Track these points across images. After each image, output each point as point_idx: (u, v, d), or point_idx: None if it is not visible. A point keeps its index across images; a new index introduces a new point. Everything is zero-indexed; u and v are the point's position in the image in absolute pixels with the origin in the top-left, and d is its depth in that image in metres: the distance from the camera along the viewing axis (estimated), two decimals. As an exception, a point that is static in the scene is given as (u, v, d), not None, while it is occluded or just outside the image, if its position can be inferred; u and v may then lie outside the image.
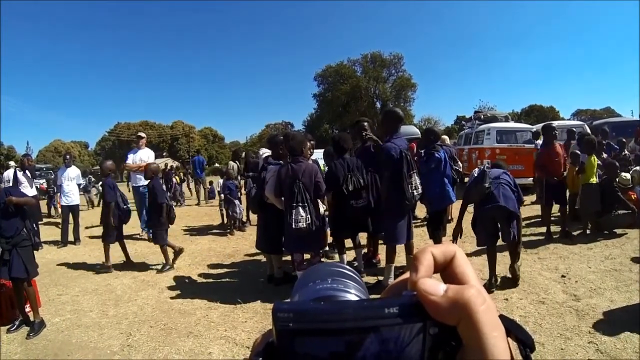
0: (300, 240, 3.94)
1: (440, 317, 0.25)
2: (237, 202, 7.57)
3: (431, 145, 4.56)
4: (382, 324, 0.25)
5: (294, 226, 3.76)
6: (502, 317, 0.26)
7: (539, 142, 7.44)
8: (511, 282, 3.89)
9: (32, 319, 3.62)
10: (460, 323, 0.24)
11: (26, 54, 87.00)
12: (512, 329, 0.26)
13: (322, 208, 4.17)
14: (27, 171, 7.28)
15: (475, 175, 3.94)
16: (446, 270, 0.29)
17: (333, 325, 0.24)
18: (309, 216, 3.76)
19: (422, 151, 4.56)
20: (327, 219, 4.45)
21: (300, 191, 3.79)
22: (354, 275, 0.33)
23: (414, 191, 3.86)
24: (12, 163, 9.91)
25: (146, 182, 6.71)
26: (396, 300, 0.26)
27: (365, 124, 4.62)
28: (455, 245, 0.30)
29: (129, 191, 8.51)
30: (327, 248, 4.72)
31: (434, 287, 0.26)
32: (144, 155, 7.73)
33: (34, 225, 5.09)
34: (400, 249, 4.18)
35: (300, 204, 3.77)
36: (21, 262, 3.51)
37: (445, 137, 8.54)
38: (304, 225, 3.75)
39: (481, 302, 0.25)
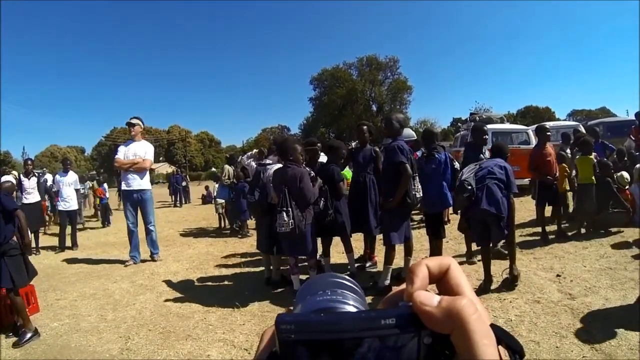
0: (288, 244, 4.04)
1: (434, 326, 0.26)
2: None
3: (432, 145, 4.56)
4: (379, 335, 0.26)
5: (278, 230, 3.85)
6: (492, 325, 0.27)
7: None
8: (507, 283, 3.88)
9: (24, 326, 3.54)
10: (453, 332, 0.25)
11: (22, 58, 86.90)
12: (503, 337, 0.27)
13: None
14: (30, 177, 7.21)
15: (458, 184, 3.92)
16: (441, 281, 0.30)
17: (333, 336, 0.25)
18: (292, 221, 3.79)
19: (421, 151, 4.58)
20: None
21: (285, 196, 3.84)
22: (352, 286, 0.34)
23: (416, 193, 3.92)
24: None
25: (145, 186, 5.97)
26: (392, 311, 0.27)
27: (365, 127, 4.66)
28: (449, 258, 0.31)
29: (119, 197, 7.83)
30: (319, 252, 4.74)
31: (429, 298, 0.27)
32: (140, 149, 5.98)
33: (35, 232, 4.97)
34: (398, 249, 4.20)
35: (285, 208, 3.81)
36: (7, 271, 3.40)
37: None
38: (288, 230, 3.80)
39: (473, 312, 0.26)
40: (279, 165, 4.41)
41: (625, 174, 5.93)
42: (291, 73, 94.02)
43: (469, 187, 3.72)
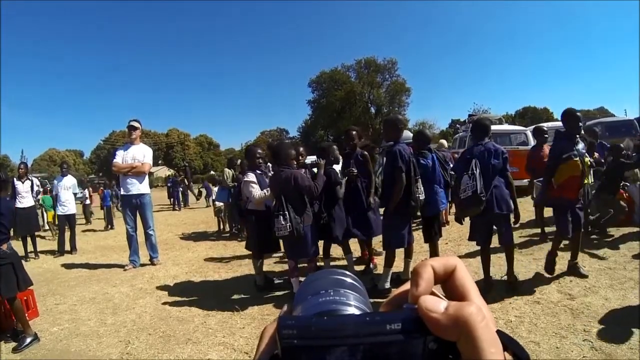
0: (288, 247, 4.09)
1: (441, 333, 0.25)
2: None
3: (421, 149, 4.49)
4: (384, 341, 0.25)
5: (277, 234, 3.87)
6: (499, 332, 0.26)
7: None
8: (507, 284, 3.88)
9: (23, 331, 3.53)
10: (459, 339, 0.25)
11: (20, 60, 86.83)
12: (509, 344, 0.27)
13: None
14: (24, 181, 7.19)
15: (469, 195, 3.70)
16: (447, 282, 0.30)
17: (336, 342, 0.25)
18: (289, 224, 3.81)
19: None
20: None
21: (281, 199, 3.86)
22: (354, 283, 0.34)
23: (420, 195, 3.93)
24: None
25: (144, 191, 5.93)
26: (398, 315, 0.26)
27: (354, 132, 4.67)
28: (455, 258, 0.30)
29: (116, 201, 7.83)
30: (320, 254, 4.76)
31: (435, 304, 0.26)
32: (138, 153, 5.89)
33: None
34: (398, 251, 4.20)
35: (281, 212, 3.83)
36: None
37: (443, 141, 8.63)
38: (286, 233, 3.83)
39: (481, 319, 0.25)
40: (251, 174, 4.44)
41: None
42: (289, 76, 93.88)
43: (484, 199, 3.68)
